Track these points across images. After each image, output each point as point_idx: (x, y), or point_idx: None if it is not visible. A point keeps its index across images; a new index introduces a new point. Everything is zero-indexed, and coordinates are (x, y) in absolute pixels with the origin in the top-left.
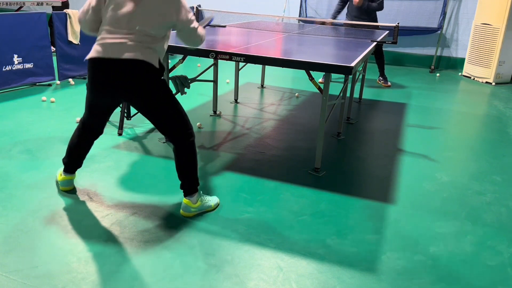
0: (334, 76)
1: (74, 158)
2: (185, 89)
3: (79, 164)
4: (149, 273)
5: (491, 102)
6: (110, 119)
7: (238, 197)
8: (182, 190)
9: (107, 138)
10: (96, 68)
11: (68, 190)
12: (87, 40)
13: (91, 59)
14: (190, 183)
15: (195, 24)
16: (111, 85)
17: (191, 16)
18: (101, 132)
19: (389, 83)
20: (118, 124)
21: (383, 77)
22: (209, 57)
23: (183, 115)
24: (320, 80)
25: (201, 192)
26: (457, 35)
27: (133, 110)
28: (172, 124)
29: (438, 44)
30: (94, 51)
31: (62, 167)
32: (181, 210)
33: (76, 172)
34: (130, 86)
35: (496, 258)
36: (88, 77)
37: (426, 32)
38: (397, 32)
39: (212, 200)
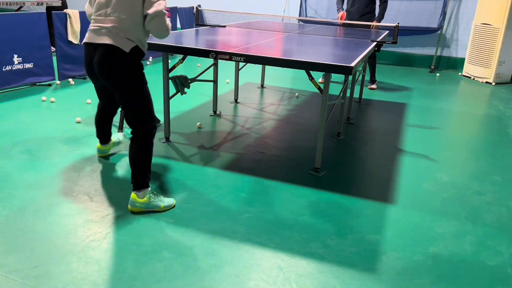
0: (334, 76)
1: (99, 133)
2: (185, 89)
3: (108, 137)
4: (149, 273)
5: (491, 102)
6: None
7: (238, 197)
8: (132, 184)
9: None
10: (84, 51)
11: (103, 156)
12: None
13: (83, 44)
14: (140, 177)
15: (162, 6)
16: (92, 67)
17: None
18: (113, 112)
19: (373, 86)
20: (118, 124)
21: (371, 80)
22: (209, 57)
23: (149, 106)
24: (320, 80)
25: (154, 191)
26: (457, 35)
27: None
28: (135, 111)
29: (438, 44)
30: (85, 37)
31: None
32: (129, 205)
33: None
34: (103, 69)
35: (496, 258)
36: None
37: (426, 32)
38: (397, 32)
39: (164, 201)
